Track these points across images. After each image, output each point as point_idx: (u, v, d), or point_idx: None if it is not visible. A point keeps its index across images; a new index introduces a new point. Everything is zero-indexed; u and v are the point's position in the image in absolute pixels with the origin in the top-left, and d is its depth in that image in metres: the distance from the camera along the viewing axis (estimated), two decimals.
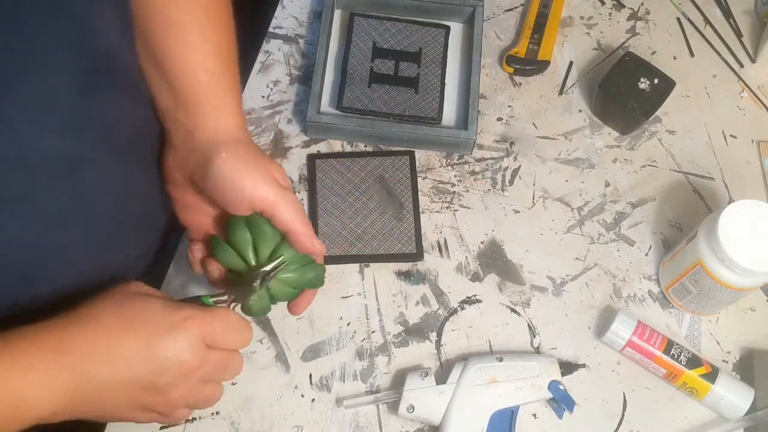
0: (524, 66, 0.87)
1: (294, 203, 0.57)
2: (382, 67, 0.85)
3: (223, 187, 0.56)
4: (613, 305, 0.76)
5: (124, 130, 0.56)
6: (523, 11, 0.92)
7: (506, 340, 0.73)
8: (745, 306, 0.76)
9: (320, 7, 0.88)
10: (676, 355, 0.70)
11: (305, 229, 0.57)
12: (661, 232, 0.79)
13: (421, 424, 0.69)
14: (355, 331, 0.73)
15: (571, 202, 0.81)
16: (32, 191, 0.48)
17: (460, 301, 0.75)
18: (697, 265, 0.68)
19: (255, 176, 0.56)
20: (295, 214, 0.56)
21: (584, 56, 0.90)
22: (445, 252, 0.77)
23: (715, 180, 0.83)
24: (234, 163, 0.56)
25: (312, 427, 0.69)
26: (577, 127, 0.85)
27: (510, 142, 0.84)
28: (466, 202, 0.80)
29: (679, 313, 0.76)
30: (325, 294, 0.74)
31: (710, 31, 0.92)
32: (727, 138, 0.85)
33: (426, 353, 0.72)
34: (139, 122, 0.59)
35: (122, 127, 0.55)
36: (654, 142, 0.84)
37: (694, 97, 0.87)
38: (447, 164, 0.82)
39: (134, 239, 0.65)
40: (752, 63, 0.90)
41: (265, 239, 0.58)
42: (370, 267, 0.76)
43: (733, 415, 0.69)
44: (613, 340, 0.71)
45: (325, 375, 0.71)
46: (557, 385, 0.67)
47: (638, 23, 0.92)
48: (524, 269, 0.77)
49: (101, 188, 0.54)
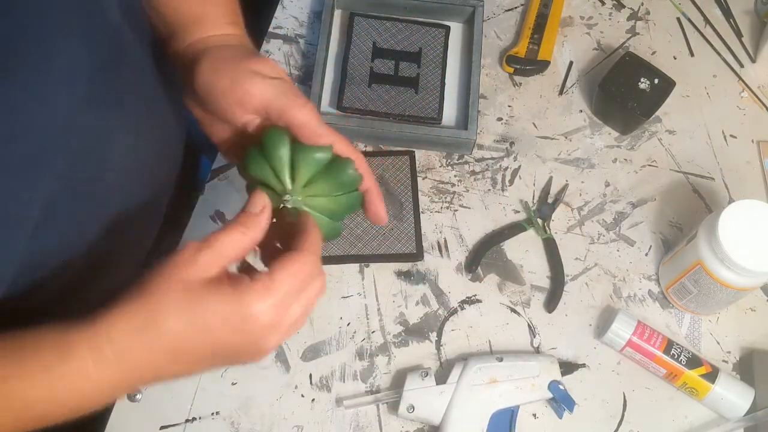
0: (524, 66, 0.87)
1: (292, 90, 0.50)
2: (382, 67, 0.85)
3: (207, 96, 0.51)
4: (613, 305, 0.76)
5: (134, 105, 0.56)
6: (523, 11, 0.92)
7: (506, 340, 0.73)
8: (745, 306, 0.76)
9: (320, 7, 0.88)
10: (676, 355, 0.70)
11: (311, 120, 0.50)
12: (661, 232, 0.79)
13: (421, 424, 0.69)
14: (355, 331, 0.73)
15: (571, 202, 0.81)
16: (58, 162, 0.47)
17: (460, 301, 0.75)
18: (697, 265, 0.68)
19: (235, 73, 0.50)
20: (293, 99, 0.49)
21: (584, 56, 0.90)
22: (445, 252, 0.77)
23: (715, 180, 0.83)
24: (213, 67, 0.51)
25: (312, 427, 0.69)
26: (577, 127, 0.85)
27: (510, 142, 0.84)
28: (466, 202, 0.80)
29: (679, 313, 0.76)
30: (325, 294, 0.74)
31: (710, 31, 0.92)
32: (727, 138, 0.85)
33: (426, 353, 0.72)
34: (148, 100, 0.59)
35: (131, 103, 0.56)
36: (654, 142, 0.84)
37: (694, 97, 0.87)
38: (447, 164, 0.82)
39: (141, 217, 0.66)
40: (752, 63, 0.90)
41: (307, 163, 0.50)
42: (370, 267, 0.76)
43: (733, 415, 0.69)
44: (613, 340, 0.71)
45: (325, 375, 0.71)
46: (557, 385, 0.67)
47: (638, 23, 0.92)
48: (524, 269, 0.77)
49: (119, 166, 0.55)
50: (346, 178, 0.52)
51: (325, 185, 0.52)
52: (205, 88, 0.51)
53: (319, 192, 0.52)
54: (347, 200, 0.53)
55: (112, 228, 0.58)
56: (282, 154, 0.50)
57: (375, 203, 0.54)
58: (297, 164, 0.51)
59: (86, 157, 0.51)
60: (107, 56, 0.51)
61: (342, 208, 0.53)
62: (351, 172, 0.52)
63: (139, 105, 0.57)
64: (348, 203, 0.53)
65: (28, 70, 0.43)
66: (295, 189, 0.51)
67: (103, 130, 0.52)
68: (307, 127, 0.50)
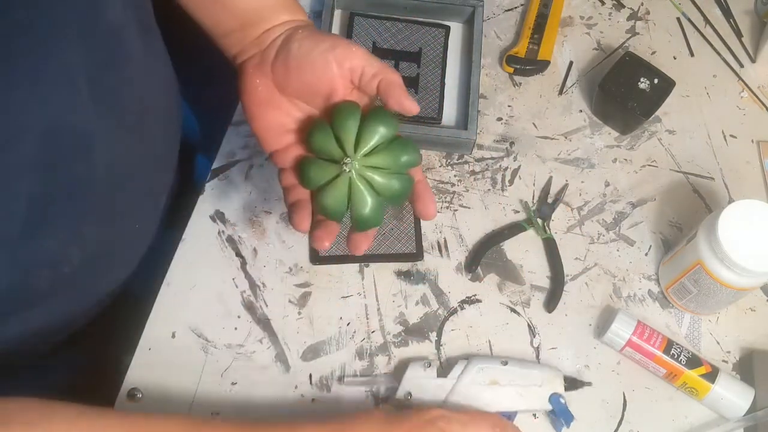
0: (524, 66, 0.87)
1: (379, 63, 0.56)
2: None
3: (303, 60, 0.56)
4: (613, 305, 0.76)
5: (131, 106, 0.57)
6: (523, 11, 0.92)
7: (506, 340, 0.73)
8: (745, 306, 0.76)
9: (320, 7, 0.88)
10: (676, 355, 0.70)
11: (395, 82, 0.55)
12: (661, 232, 0.79)
13: None
14: (355, 330, 0.73)
15: (571, 202, 0.81)
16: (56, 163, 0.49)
17: (460, 301, 0.75)
18: (696, 265, 0.68)
19: (334, 39, 0.56)
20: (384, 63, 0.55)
21: (584, 56, 0.90)
22: (445, 252, 0.77)
23: (715, 180, 0.83)
24: (310, 35, 0.57)
25: None
26: (577, 127, 0.85)
27: (510, 142, 0.84)
28: (466, 202, 0.80)
29: (679, 312, 0.76)
30: (325, 294, 0.74)
31: (710, 31, 0.92)
32: (727, 138, 0.85)
33: (426, 353, 0.72)
34: (145, 98, 0.60)
35: (128, 101, 0.56)
36: (654, 142, 0.84)
37: (694, 97, 0.87)
38: (447, 164, 0.82)
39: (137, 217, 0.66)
40: (752, 63, 0.90)
41: (372, 134, 0.54)
42: (370, 267, 0.76)
43: (733, 415, 0.69)
44: (613, 340, 0.71)
45: (325, 375, 0.71)
46: (558, 398, 0.67)
47: (638, 23, 0.92)
48: (524, 269, 0.77)
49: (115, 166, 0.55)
50: (405, 155, 0.55)
51: (383, 158, 0.54)
52: (303, 51, 0.55)
53: (376, 163, 0.54)
54: (400, 182, 0.55)
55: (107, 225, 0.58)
56: (351, 125, 0.54)
57: (425, 196, 0.57)
58: (361, 135, 0.54)
59: (80, 156, 0.51)
60: (105, 55, 0.51)
61: (393, 189, 0.55)
62: (411, 151, 0.55)
63: (135, 104, 0.57)
64: (400, 186, 0.55)
65: (25, 70, 0.43)
66: (356, 156, 0.54)
67: (99, 129, 0.52)
68: (400, 87, 0.55)
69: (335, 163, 0.54)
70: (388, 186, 0.55)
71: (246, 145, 0.81)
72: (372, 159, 0.54)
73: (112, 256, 0.61)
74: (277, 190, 0.79)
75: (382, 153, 0.54)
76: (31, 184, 0.48)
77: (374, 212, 0.55)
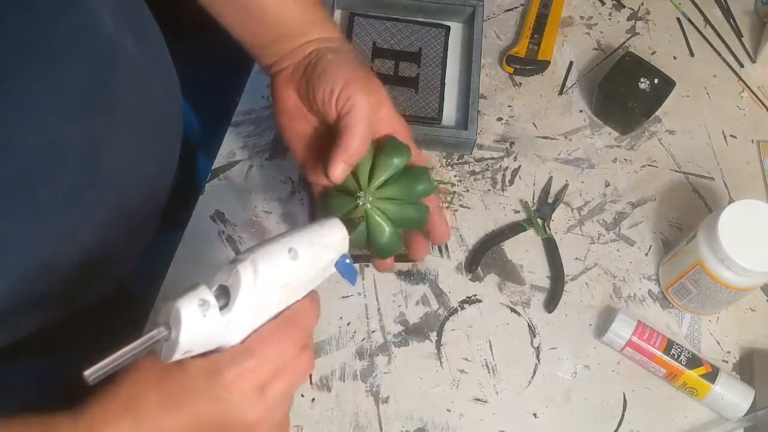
0: (524, 66, 0.87)
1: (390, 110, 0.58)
2: (382, 67, 0.85)
3: (320, 79, 0.57)
4: (613, 305, 0.76)
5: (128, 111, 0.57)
6: (523, 11, 0.92)
7: (506, 340, 0.73)
8: (745, 306, 0.76)
9: None
10: (676, 355, 0.70)
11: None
12: (661, 232, 0.80)
13: (422, 424, 0.69)
14: (355, 330, 0.73)
15: (571, 202, 0.81)
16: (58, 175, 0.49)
17: (460, 301, 0.75)
18: (697, 265, 0.68)
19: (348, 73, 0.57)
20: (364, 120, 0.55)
21: (584, 56, 0.90)
22: (445, 252, 0.77)
23: (715, 180, 0.83)
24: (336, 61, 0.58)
25: (312, 427, 0.69)
26: (577, 127, 0.85)
27: (510, 142, 0.84)
28: (466, 202, 0.80)
29: (679, 313, 0.76)
30: (325, 294, 0.74)
31: (710, 31, 0.92)
32: (727, 138, 0.85)
33: (426, 353, 0.72)
34: (144, 104, 0.60)
35: (125, 109, 0.57)
36: (654, 142, 0.84)
37: (694, 97, 0.87)
38: (447, 164, 0.82)
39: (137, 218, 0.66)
40: (752, 63, 0.90)
41: (385, 166, 0.56)
42: (370, 266, 0.76)
43: (733, 415, 0.69)
44: (613, 340, 0.71)
45: (325, 375, 0.71)
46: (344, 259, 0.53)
47: (638, 23, 0.92)
48: (524, 269, 0.77)
49: (113, 171, 0.56)
50: (418, 185, 0.56)
51: (397, 189, 0.56)
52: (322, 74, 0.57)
53: (390, 195, 0.56)
54: (414, 212, 0.57)
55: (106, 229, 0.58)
56: (365, 160, 0.56)
57: (439, 225, 0.60)
58: (375, 168, 0.56)
59: (79, 165, 0.52)
60: (101, 67, 0.51)
61: (409, 219, 0.57)
62: (424, 181, 0.56)
63: (133, 110, 0.58)
64: (414, 216, 0.57)
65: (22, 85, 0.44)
66: (369, 188, 0.55)
67: (97, 138, 0.53)
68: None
69: (352, 196, 0.56)
70: (402, 216, 0.57)
71: (246, 145, 0.81)
72: (386, 191, 0.56)
73: (111, 256, 0.61)
74: (278, 190, 0.79)
75: (395, 184, 0.56)
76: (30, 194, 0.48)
77: (392, 240, 0.57)
